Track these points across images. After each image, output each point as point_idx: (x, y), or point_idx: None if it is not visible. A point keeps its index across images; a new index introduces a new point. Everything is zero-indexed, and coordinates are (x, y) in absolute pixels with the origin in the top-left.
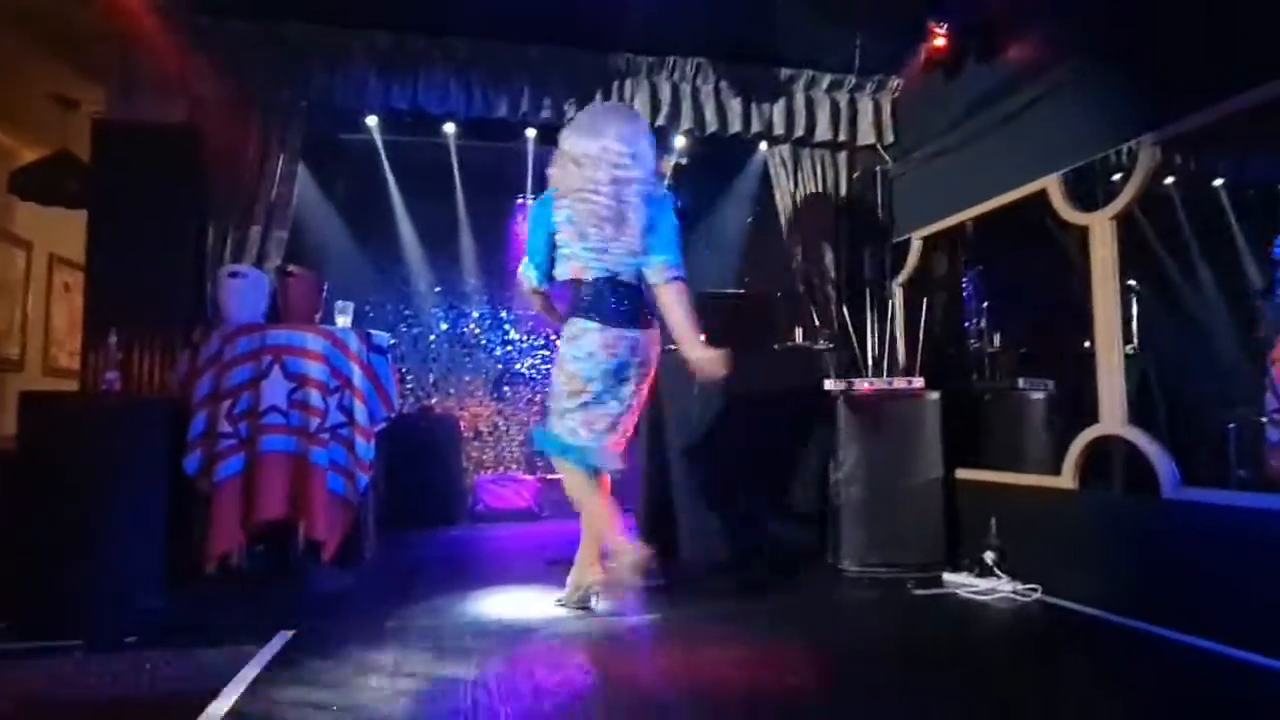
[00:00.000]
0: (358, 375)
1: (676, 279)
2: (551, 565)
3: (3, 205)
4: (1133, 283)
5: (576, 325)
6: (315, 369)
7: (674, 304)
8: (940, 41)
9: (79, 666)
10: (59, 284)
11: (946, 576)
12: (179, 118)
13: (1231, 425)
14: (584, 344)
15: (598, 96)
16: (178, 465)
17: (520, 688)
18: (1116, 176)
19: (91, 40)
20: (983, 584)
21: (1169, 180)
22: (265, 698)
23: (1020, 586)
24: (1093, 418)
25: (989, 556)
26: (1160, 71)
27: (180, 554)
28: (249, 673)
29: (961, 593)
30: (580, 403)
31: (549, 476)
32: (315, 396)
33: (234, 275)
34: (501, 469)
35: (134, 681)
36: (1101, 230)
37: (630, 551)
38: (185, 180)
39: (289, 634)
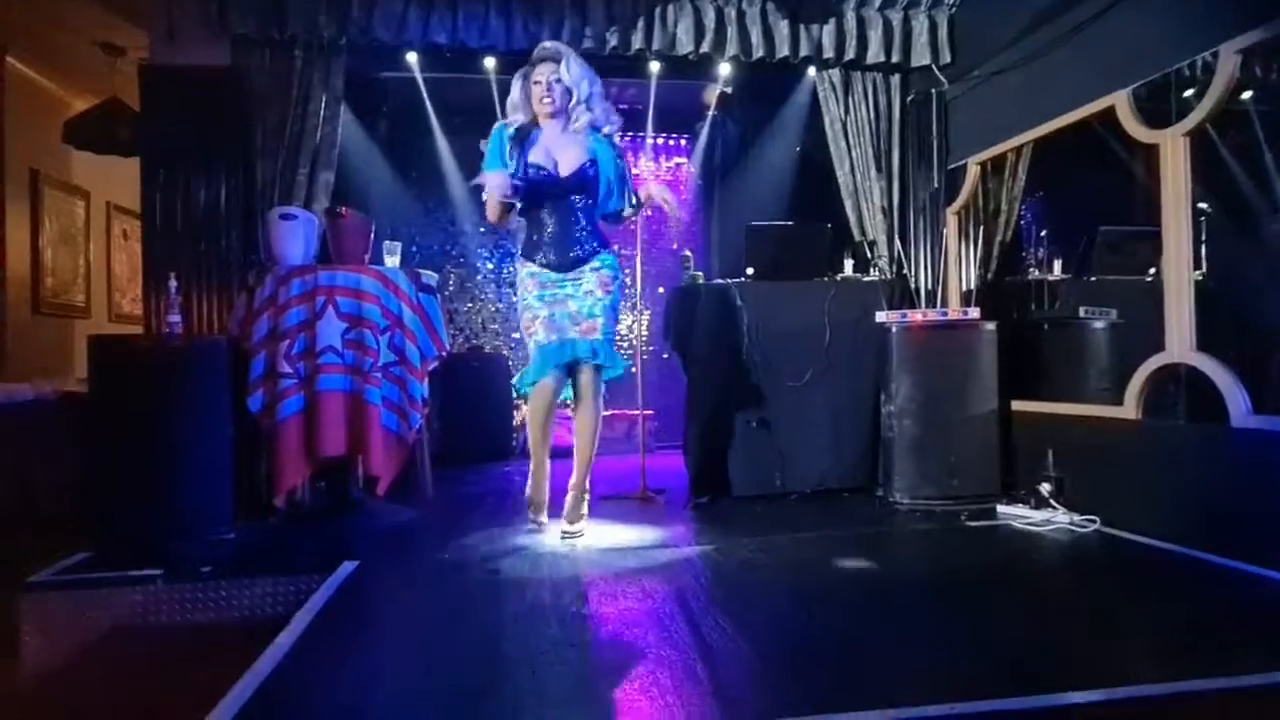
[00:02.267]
0: (408, 314)
1: None
2: (601, 500)
3: (59, 156)
4: (1204, 205)
5: None
6: (367, 309)
7: None
8: None
9: (158, 595)
10: (117, 232)
11: (1001, 508)
12: (222, 61)
13: None
14: None
15: (639, 24)
16: (242, 404)
17: (576, 615)
18: (1189, 92)
19: None
20: (1038, 515)
21: (1246, 94)
22: (332, 624)
23: (1077, 518)
24: (1158, 346)
25: (1045, 488)
26: None
27: (248, 489)
28: (316, 601)
29: (1016, 524)
30: None
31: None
32: (368, 336)
33: (285, 217)
34: None
35: (210, 609)
36: (1173, 149)
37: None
38: (232, 124)
39: (352, 565)
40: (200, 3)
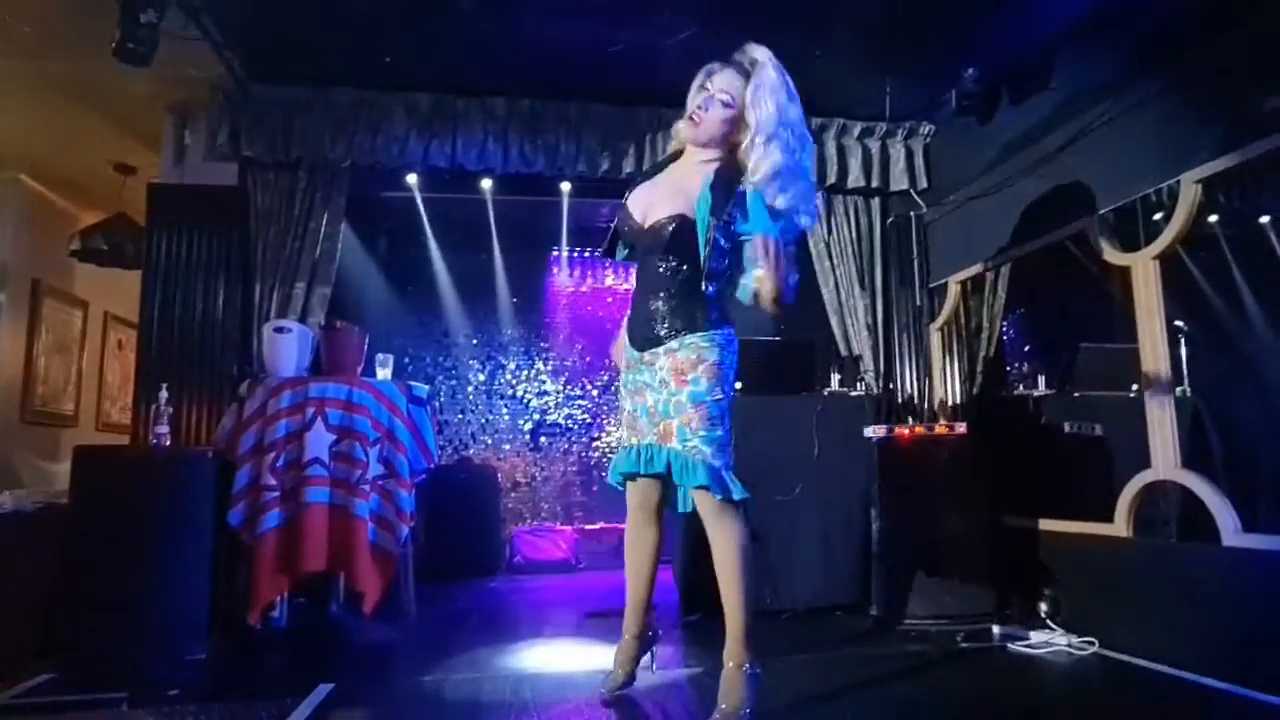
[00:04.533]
0: (399, 427)
1: None
2: (590, 617)
3: (62, 266)
4: (1180, 323)
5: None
6: (357, 421)
7: None
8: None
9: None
10: (113, 341)
11: (996, 629)
12: (229, 180)
13: None
14: None
15: (630, 149)
16: (223, 518)
17: None
18: (1157, 216)
19: (147, 110)
20: (1035, 636)
21: (1213, 218)
22: None
23: (1075, 639)
24: (1145, 462)
25: (1041, 608)
26: (1197, 109)
27: (224, 606)
28: None
29: (1013, 645)
30: None
31: (586, 528)
32: (357, 448)
33: (279, 330)
34: (539, 520)
35: None
36: (1144, 271)
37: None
38: (234, 240)
39: (328, 688)
40: (212, 127)
